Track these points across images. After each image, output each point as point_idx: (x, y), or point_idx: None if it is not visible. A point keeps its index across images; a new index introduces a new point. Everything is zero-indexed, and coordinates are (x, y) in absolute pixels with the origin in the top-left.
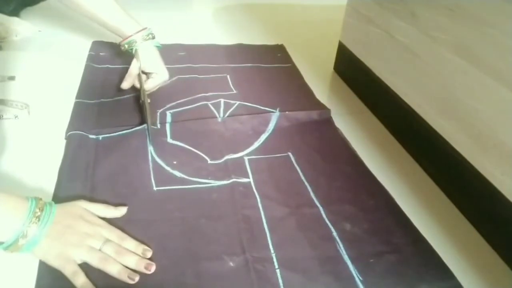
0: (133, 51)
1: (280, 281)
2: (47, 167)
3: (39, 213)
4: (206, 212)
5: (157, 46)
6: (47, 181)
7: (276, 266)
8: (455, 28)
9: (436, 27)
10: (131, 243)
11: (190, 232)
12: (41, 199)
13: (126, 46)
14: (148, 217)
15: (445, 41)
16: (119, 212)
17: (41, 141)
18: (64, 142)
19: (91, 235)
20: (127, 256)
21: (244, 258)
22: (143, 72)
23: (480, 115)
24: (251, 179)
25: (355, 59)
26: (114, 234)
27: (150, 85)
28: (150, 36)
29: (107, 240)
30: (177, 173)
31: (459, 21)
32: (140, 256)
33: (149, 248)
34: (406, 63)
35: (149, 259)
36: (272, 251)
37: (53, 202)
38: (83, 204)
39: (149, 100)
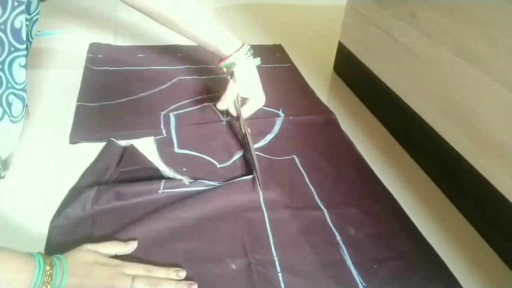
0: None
1: (282, 284)
2: (48, 169)
3: (50, 271)
4: (209, 213)
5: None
6: (48, 184)
7: (279, 270)
8: (455, 28)
9: (436, 27)
10: (160, 271)
11: (192, 233)
12: (44, 253)
13: (225, 69)
14: (150, 217)
15: (445, 41)
16: (131, 247)
17: (41, 144)
18: (65, 145)
19: (116, 277)
20: (164, 285)
21: (247, 260)
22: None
23: (480, 115)
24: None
25: (355, 59)
26: (139, 268)
27: (246, 113)
28: (249, 53)
29: (135, 276)
30: (187, 180)
31: (459, 21)
32: (175, 279)
33: (180, 268)
34: (406, 63)
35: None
36: (274, 254)
37: (60, 256)
38: (91, 247)
39: (249, 130)
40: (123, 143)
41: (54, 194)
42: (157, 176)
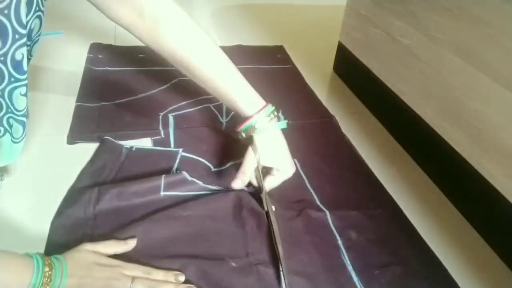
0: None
1: (283, 285)
2: (47, 169)
3: (49, 272)
4: (211, 214)
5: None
6: (47, 184)
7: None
8: (455, 28)
9: (436, 28)
10: (159, 274)
11: (193, 233)
12: (42, 254)
13: (244, 134)
14: (151, 218)
15: (445, 41)
16: (129, 246)
17: (39, 143)
18: (64, 145)
19: (116, 278)
20: (163, 287)
21: (248, 261)
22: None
23: (480, 115)
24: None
25: (355, 59)
26: (138, 269)
27: (270, 185)
28: (273, 115)
29: (134, 278)
30: (188, 175)
31: (459, 21)
32: (174, 283)
33: (180, 272)
34: (406, 64)
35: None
36: (275, 256)
37: (59, 256)
38: (89, 247)
39: (274, 208)
40: (121, 143)
41: (53, 194)
42: (158, 168)
